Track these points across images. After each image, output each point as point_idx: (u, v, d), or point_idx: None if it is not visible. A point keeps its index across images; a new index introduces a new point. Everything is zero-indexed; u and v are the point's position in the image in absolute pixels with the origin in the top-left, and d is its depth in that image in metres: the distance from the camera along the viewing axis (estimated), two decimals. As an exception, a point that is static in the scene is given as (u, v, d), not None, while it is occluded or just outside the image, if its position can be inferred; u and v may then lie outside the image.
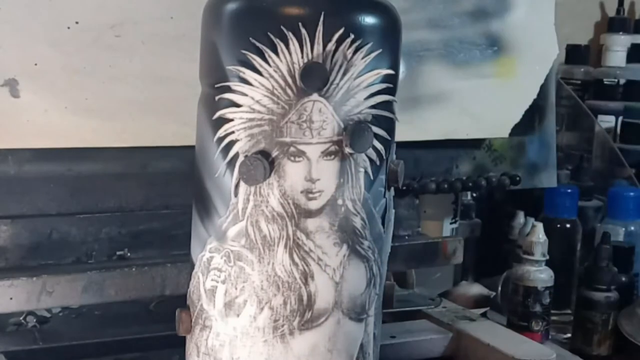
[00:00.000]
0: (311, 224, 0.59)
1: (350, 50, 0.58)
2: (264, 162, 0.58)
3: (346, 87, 0.58)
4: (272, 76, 0.58)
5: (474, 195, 1.26)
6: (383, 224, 0.63)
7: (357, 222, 0.61)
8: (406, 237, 1.00)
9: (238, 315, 0.60)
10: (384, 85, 0.60)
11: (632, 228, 1.16)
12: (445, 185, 0.98)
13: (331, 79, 0.58)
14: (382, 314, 0.66)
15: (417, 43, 0.91)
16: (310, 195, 0.59)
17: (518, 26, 0.98)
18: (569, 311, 1.11)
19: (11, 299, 0.76)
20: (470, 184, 1.01)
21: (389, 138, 0.62)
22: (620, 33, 1.62)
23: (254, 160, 0.58)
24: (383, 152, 0.61)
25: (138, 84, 0.78)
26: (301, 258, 0.59)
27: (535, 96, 1.01)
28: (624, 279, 1.07)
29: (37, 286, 0.76)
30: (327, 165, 0.59)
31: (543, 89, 1.02)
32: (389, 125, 0.62)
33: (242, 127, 0.59)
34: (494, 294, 1.15)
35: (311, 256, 0.59)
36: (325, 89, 0.58)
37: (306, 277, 0.59)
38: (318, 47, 0.57)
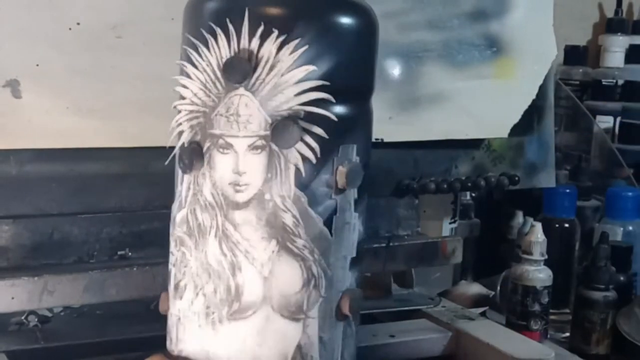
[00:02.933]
0: (238, 216, 0.60)
1: (275, 46, 0.58)
2: (194, 152, 0.60)
3: (273, 82, 0.59)
4: (205, 70, 0.60)
5: (473, 195, 1.27)
6: (330, 225, 0.62)
7: (287, 219, 0.60)
8: (406, 237, 1.00)
9: (181, 298, 0.62)
10: (318, 83, 0.59)
11: (631, 228, 1.16)
12: (445, 185, 0.98)
13: (257, 74, 0.58)
14: (334, 319, 0.64)
15: (417, 44, 0.92)
16: (237, 188, 0.60)
17: (517, 27, 0.98)
18: (568, 310, 1.11)
19: (13, 298, 0.76)
20: (469, 184, 1.01)
21: (327, 137, 0.61)
22: (619, 34, 1.62)
23: (186, 150, 0.60)
24: (318, 150, 0.60)
25: (139, 84, 0.78)
26: (229, 249, 0.60)
27: (534, 97, 1.01)
28: (622, 278, 1.08)
29: (39, 286, 0.77)
30: (254, 159, 0.59)
31: (542, 89, 1.02)
32: (327, 123, 0.61)
33: (185, 119, 0.61)
34: (493, 293, 1.15)
35: (239, 248, 0.60)
36: (250, 83, 0.58)
37: (234, 268, 0.60)
38: (244, 42, 0.58)
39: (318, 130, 0.60)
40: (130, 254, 0.83)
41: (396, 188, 0.96)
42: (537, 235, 1.02)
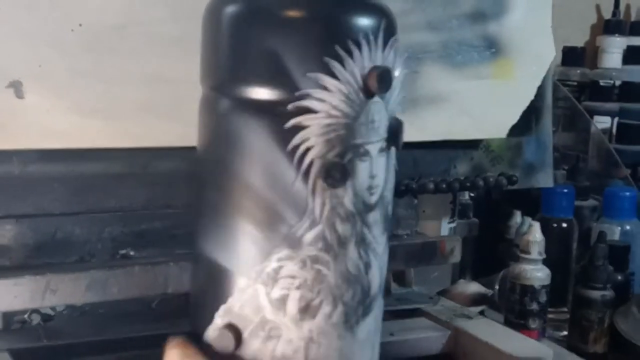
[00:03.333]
0: (371, 217, 0.62)
1: (396, 53, 0.61)
2: (346, 165, 0.60)
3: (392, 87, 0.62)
4: (348, 81, 0.59)
5: (472, 195, 1.27)
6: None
7: (390, 209, 0.64)
8: (405, 237, 1.00)
9: (314, 317, 0.62)
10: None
11: (628, 227, 1.17)
12: (444, 185, 0.99)
13: None
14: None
15: (417, 45, 0.92)
16: (372, 191, 0.62)
17: (516, 28, 0.99)
18: (566, 309, 1.12)
19: (15, 297, 0.76)
20: (468, 184, 1.01)
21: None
22: (616, 35, 1.63)
23: (337, 165, 0.60)
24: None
25: (141, 85, 0.79)
26: (365, 251, 0.62)
27: (532, 97, 1.01)
28: (619, 277, 1.08)
29: (41, 284, 0.77)
30: (381, 161, 0.62)
31: (540, 90, 1.02)
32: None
33: (318, 133, 0.60)
34: (491, 292, 1.16)
35: (370, 247, 0.62)
36: None
37: (367, 267, 0.62)
38: (379, 51, 0.60)
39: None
40: (131, 253, 0.84)
41: (395, 188, 0.97)
42: (535, 234, 1.02)
